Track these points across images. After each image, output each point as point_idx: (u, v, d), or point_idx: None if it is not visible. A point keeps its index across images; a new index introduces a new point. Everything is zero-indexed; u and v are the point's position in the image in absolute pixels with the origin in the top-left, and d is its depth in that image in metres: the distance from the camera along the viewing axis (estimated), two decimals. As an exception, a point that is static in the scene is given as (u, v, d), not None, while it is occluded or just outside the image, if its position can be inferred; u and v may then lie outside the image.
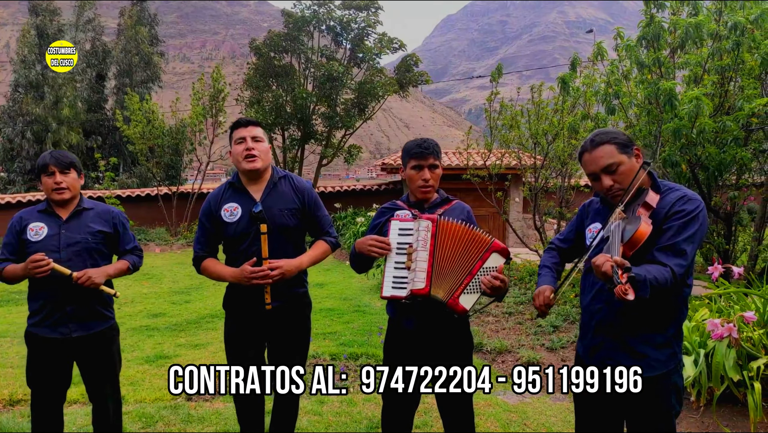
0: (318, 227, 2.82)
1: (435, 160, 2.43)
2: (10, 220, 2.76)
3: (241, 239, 2.65)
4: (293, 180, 2.79)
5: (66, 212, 2.75)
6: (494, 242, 2.26)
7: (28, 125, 18.95)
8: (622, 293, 1.59)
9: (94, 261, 2.73)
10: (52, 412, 2.77)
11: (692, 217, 1.85)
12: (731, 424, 3.20)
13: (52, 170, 2.68)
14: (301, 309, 2.79)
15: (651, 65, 5.20)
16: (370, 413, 3.59)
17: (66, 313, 2.67)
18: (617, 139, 1.97)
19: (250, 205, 2.65)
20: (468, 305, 2.21)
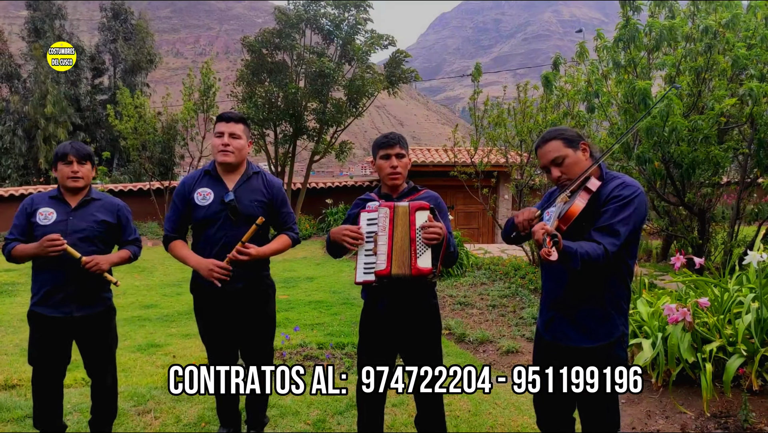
0: (281, 221, 3.03)
1: (401, 150, 2.62)
2: (22, 202, 2.95)
3: (208, 223, 2.86)
4: (265, 176, 3.01)
5: (75, 201, 2.92)
6: (410, 205, 2.47)
7: (18, 123, 19.01)
8: (546, 255, 1.81)
9: (96, 249, 2.90)
10: (53, 388, 2.94)
11: (628, 201, 2.06)
12: (686, 403, 3.42)
13: (70, 159, 2.85)
14: (264, 290, 3.01)
15: (627, 66, 5.41)
16: (351, 391, 3.78)
17: (69, 294, 2.84)
18: (564, 135, 2.19)
19: (223, 192, 2.85)
20: (426, 264, 2.39)
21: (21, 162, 19.08)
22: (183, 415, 3.45)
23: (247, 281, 2.88)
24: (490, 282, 8.39)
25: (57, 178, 2.93)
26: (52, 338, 2.88)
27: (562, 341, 2.23)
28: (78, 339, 2.95)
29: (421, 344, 2.62)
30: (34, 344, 2.92)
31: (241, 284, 2.85)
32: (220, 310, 2.91)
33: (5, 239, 2.90)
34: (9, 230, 2.92)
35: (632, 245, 2.14)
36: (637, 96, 4.94)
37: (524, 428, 3.29)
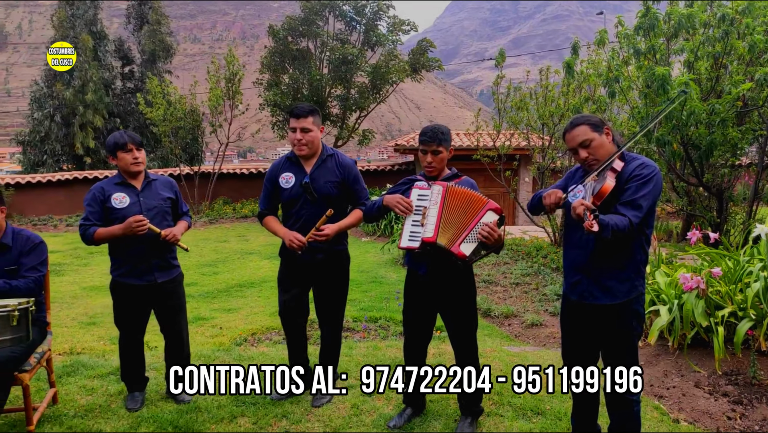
0: (354, 197, 3.41)
1: (438, 147, 2.95)
2: (90, 191, 3.29)
3: (292, 203, 3.32)
4: (338, 157, 3.39)
5: (138, 183, 3.34)
6: (489, 202, 2.82)
7: (57, 109, 19.61)
8: (589, 227, 2.16)
9: (166, 222, 3.34)
10: (137, 346, 3.39)
11: (648, 179, 2.40)
12: (700, 363, 3.77)
13: (130, 147, 3.26)
14: (341, 261, 3.42)
15: (647, 52, 5.66)
16: (392, 354, 4.20)
17: (151, 264, 3.28)
18: (590, 121, 2.52)
19: (302, 176, 3.27)
20: (467, 252, 2.76)
21: (57, 148, 19.71)
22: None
23: (327, 253, 3.30)
24: (513, 262, 8.68)
25: (117, 165, 3.31)
26: (136, 303, 3.33)
27: (587, 299, 2.59)
28: (157, 303, 3.38)
29: (458, 305, 3.01)
30: (119, 310, 3.35)
31: (321, 255, 3.29)
32: (301, 275, 3.36)
33: (81, 225, 3.24)
34: (83, 216, 3.25)
35: (650, 216, 2.48)
36: (657, 82, 5.20)
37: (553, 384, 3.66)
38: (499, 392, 3.52)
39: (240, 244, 11.70)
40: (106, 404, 3.37)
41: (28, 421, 2.92)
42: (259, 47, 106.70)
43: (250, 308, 6.48)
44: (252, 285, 7.87)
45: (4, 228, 3.05)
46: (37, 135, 20.21)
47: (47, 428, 3.04)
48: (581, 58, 8.03)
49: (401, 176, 16.99)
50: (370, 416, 3.21)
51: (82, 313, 6.31)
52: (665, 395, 3.54)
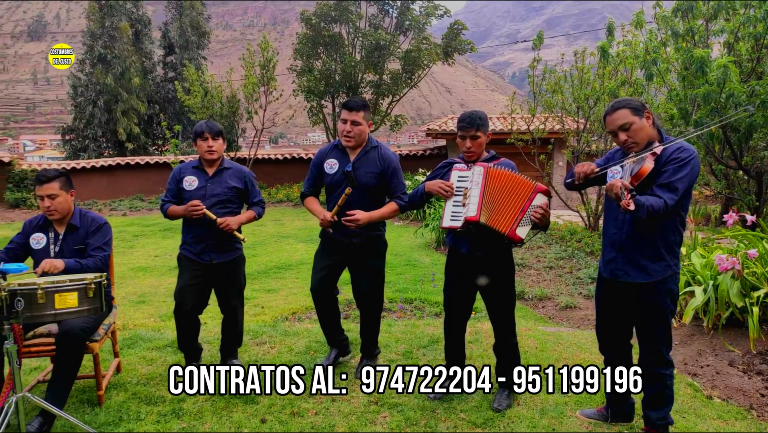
0: (392, 189, 3.54)
1: (476, 132, 3.06)
2: (173, 170, 3.62)
3: (334, 187, 3.49)
4: (381, 150, 3.53)
5: (212, 170, 3.57)
6: (537, 185, 2.94)
7: (99, 95, 20.24)
8: (626, 206, 2.27)
9: (228, 209, 3.54)
10: (192, 319, 3.60)
11: (685, 162, 2.48)
12: (734, 343, 3.82)
13: (206, 136, 3.49)
14: (376, 246, 3.58)
15: (685, 34, 5.61)
16: (429, 332, 4.36)
17: (208, 245, 3.51)
18: (631, 105, 2.59)
19: (346, 164, 3.45)
20: (523, 235, 2.90)
21: (99, 133, 20.37)
22: (294, 345, 4.11)
23: (363, 237, 3.47)
24: (546, 246, 8.72)
25: (197, 151, 3.59)
26: (197, 278, 3.54)
27: (620, 277, 2.69)
28: (215, 282, 3.61)
29: (498, 283, 3.14)
30: (183, 281, 3.58)
31: (357, 239, 3.46)
32: (335, 254, 3.54)
33: (162, 201, 3.60)
34: (165, 192, 3.62)
35: (685, 198, 2.56)
36: (695, 64, 5.17)
37: (585, 361, 3.77)
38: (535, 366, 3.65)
39: (276, 228, 11.98)
40: (166, 373, 3.63)
41: (98, 386, 3.20)
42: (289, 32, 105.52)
43: (289, 289, 6.70)
44: (290, 267, 8.10)
45: (73, 210, 3.30)
46: (80, 121, 20.88)
47: (113, 394, 3.31)
48: (617, 39, 7.95)
49: (433, 161, 17.05)
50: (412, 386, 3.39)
51: (131, 292, 6.64)
52: (699, 373, 3.62)
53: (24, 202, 14.58)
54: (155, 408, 3.15)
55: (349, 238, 3.45)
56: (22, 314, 2.51)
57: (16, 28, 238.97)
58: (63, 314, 2.58)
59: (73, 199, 3.32)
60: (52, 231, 3.23)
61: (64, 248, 3.19)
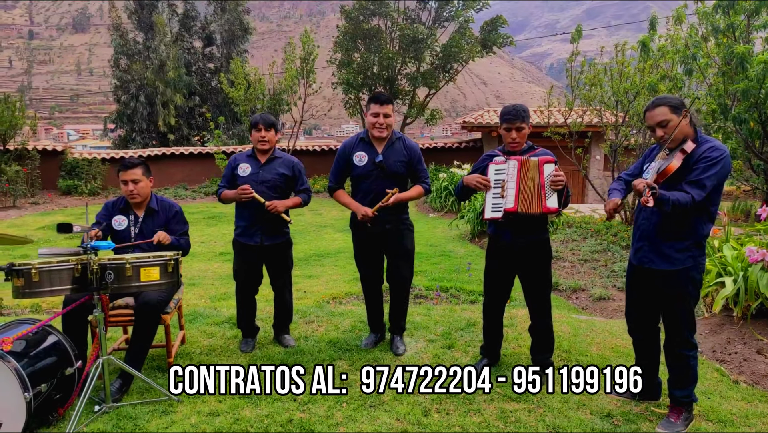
0: (418, 175, 3.83)
1: (521, 123, 3.30)
2: (230, 158, 3.96)
3: (363, 178, 3.75)
4: (405, 141, 3.81)
5: (264, 158, 3.89)
6: (539, 158, 3.17)
7: (140, 89, 21.01)
8: (645, 202, 2.47)
9: (277, 195, 3.85)
10: (250, 297, 3.96)
11: (716, 161, 2.65)
12: (763, 332, 3.95)
13: (260, 128, 3.81)
14: (406, 228, 3.85)
15: (726, 30, 5.66)
16: (466, 316, 4.61)
17: (259, 228, 3.83)
18: (670, 103, 2.77)
19: (374, 155, 3.71)
20: (555, 204, 3.13)
21: (144, 126, 21.16)
22: (339, 324, 4.42)
23: (393, 222, 3.74)
24: (581, 239, 8.80)
25: (251, 141, 3.92)
26: (249, 259, 3.90)
27: (646, 264, 2.90)
28: (266, 262, 3.95)
29: (536, 266, 3.37)
30: (237, 263, 3.93)
31: (389, 225, 3.73)
32: (373, 245, 3.83)
33: (218, 186, 3.95)
34: (221, 178, 3.96)
35: (715, 195, 2.73)
36: (735, 60, 5.23)
37: (616, 347, 3.96)
38: (567, 350, 3.87)
39: (314, 217, 12.35)
40: (225, 345, 3.98)
41: (168, 354, 3.56)
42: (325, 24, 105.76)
43: (329, 276, 7.02)
44: (328, 255, 8.42)
45: (150, 195, 3.66)
46: (124, 115, 21.74)
47: (181, 362, 3.66)
48: (659, 34, 7.95)
49: (468, 154, 17.16)
50: (450, 364, 3.64)
51: (182, 275, 7.07)
52: (727, 360, 3.77)
53: (75, 190, 15.32)
54: (218, 375, 3.49)
55: (382, 225, 3.71)
56: (110, 286, 2.87)
57: (62, 20, 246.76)
58: (146, 286, 2.93)
59: (151, 186, 3.67)
60: (132, 214, 3.60)
61: (143, 230, 3.55)
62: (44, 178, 15.09)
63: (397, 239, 3.80)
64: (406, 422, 2.93)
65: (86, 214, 3.33)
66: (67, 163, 15.65)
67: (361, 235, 3.85)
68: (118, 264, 2.86)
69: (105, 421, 2.92)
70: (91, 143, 58.62)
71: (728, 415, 3.01)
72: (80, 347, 3.24)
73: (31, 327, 2.91)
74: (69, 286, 2.86)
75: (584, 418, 2.97)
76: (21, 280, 2.77)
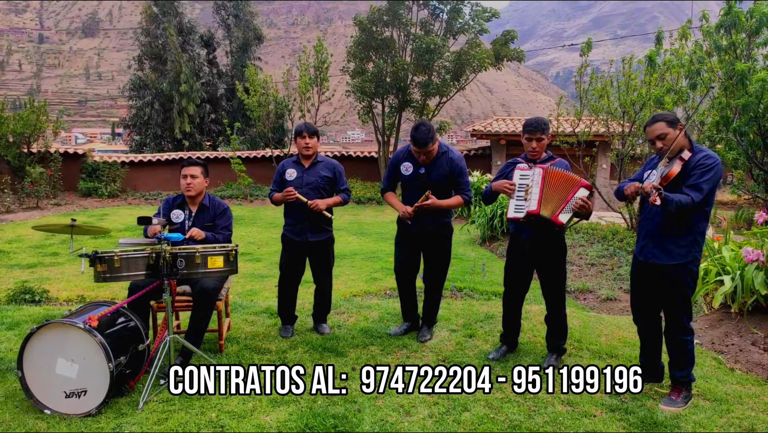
0: (458, 187, 4.19)
1: (541, 135, 3.70)
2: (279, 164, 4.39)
3: (409, 185, 4.17)
4: (449, 154, 4.15)
5: (308, 163, 4.30)
6: (582, 180, 3.54)
7: (155, 97, 21.64)
8: (653, 201, 2.87)
9: (320, 195, 4.27)
10: (291, 288, 4.36)
11: (710, 168, 3.06)
12: (758, 326, 4.32)
13: (304, 135, 4.22)
14: (446, 231, 4.24)
15: (727, 48, 6.06)
16: (484, 310, 4.99)
17: (305, 226, 4.24)
18: (667, 119, 3.18)
19: (418, 167, 4.10)
20: (564, 220, 3.51)
21: (158, 132, 21.75)
22: (368, 316, 4.81)
23: (436, 226, 4.14)
24: (589, 244, 9.14)
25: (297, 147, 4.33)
26: (295, 253, 4.31)
27: (650, 259, 3.29)
28: (310, 257, 4.34)
29: (553, 261, 3.77)
30: (284, 257, 4.34)
31: (432, 226, 4.12)
32: (414, 240, 4.22)
33: (270, 190, 4.40)
34: (272, 183, 4.41)
35: (710, 196, 3.13)
36: (736, 77, 5.63)
37: (624, 338, 4.34)
38: (578, 339, 4.24)
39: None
40: (266, 332, 4.38)
41: (220, 336, 3.96)
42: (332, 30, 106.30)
43: (347, 276, 7.39)
44: (345, 257, 8.79)
45: (204, 193, 4.07)
46: (139, 120, 22.34)
47: (228, 346, 4.06)
48: (665, 48, 8.33)
49: (477, 161, 17.56)
50: (473, 351, 4.03)
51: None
52: (725, 351, 4.14)
53: (95, 192, 15.79)
54: (264, 356, 3.88)
55: (425, 226, 4.11)
56: (180, 272, 3.28)
57: (72, 24, 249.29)
58: (211, 272, 3.34)
59: (206, 185, 4.07)
60: (187, 209, 4.01)
61: (196, 223, 3.96)
62: (65, 180, 15.57)
63: (435, 241, 4.19)
64: (436, 396, 3.30)
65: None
66: (88, 166, 16.14)
67: (405, 231, 4.25)
68: (188, 253, 3.27)
69: (172, 392, 3.31)
70: (99, 146, 59.45)
71: (723, 395, 3.38)
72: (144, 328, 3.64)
73: (108, 309, 3.31)
74: (143, 272, 3.27)
75: (596, 396, 3.34)
76: (104, 266, 3.18)
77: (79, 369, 3.05)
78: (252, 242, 9.82)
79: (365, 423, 2.96)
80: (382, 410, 3.12)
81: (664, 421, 3.03)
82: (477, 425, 2.99)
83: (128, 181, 16.74)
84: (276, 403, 3.19)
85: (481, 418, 3.05)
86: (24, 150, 14.73)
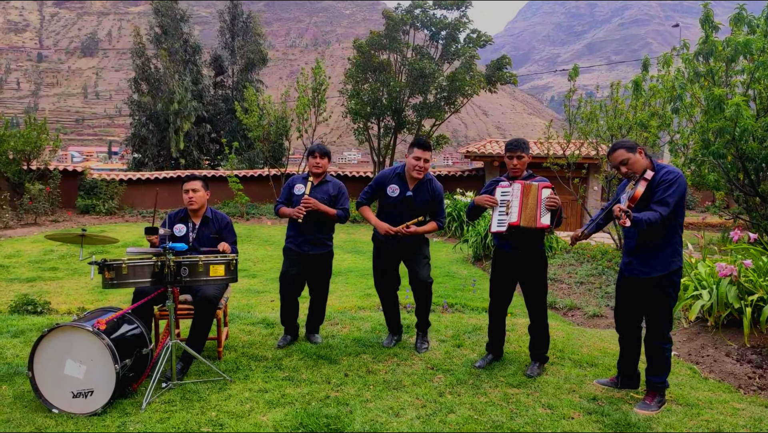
0: (436, 213, 4.45)
1: (521, 153, 3.95)
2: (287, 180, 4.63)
3: (393, 206, 4.37)
4: (431, 183, 4.42)
5: (317, 180, 4.54)
6: (539, 183, 3.81)
7: (150, 118, 22.03)
8: (623, 223, 3.11)
9: None
10: (292, 299, 4.53)
11: (672, 182, 3.30)
12: (732, 339, 4.53)
13: (316, 155, 4.47)
14: (424, 245, 4.46)
15: (705, 75, 6.36)
16: (472, 322, 5.19)
17: (306, 239, 4.45)
18: (625, 145, 3.45)
19: (405, 190, 4.34)
20: (548, 222, 3.75)
21: (155, 151, 22.04)
22: (361, 326, 5.01)
23: (413, 239, 4.36)
24: (578, 263, 9.37)
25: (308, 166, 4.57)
26: (295, 264, 4.49)
27: (637, 275, 3.51)
28: (309, 269, 4.53)
29: (534, 273, 3.99)
30: (285, 267, 4.54)
31: (409, 240, 4.35)
32: (392, 255, 4.44)
33: (277, 202, 4.60)
34: (279, 197, 4.62)
35: (679, 208, 3.36)
36: (713, 101, 5.92)
37: (604, 348, 4.54)
38: (561, 349, 4.44)
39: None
40: (263, 341, 4.56)
41: (219, 343, 4.15)
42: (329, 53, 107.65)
43: (341, 291, 7.56)
44: (340, 273, 8.96)
45: (206, 207, 4.28)
46: (137, 140, 22.66)
47: (227, 353, 4.24)
48: (651, 74, 8.66)
49: (470, 182, 17.85)
50: (460, 359, 4.22)
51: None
52: (700, 361, 4.35)
53: (93, 209, 15.96)
54: (261, 363, 4.07)
55: (403, 241, 4.32)
56: (184, 279, 3.48)
57: (71, 44, 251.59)
58: (212, 280, 3.54)
59: (207, 199, 4.29)
60: (190, 222, 4.22)
61: (200, 236, 4.17)
62: (63, 198, 15.73)
63: (414, 248, 4.41)
64: (424, 400, 3.50)
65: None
66: (86, 183, 16.33)
67: (380, 247, 4.46)
68: (191, 261, 3.48)
69: (173, 394, 3.49)
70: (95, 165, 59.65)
71: (695, 401, 3.58)
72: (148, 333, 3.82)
73: (114, 314, 3.50)
74: (149, 279, 3.47)
75: (574, 400, 3.54)
76: (112, 273, 3.38)
77: (86, 370, 3.23)
78: (248, 258, 9.98)
79: (356, 423, 3.14)
80: (372, 411, 3.31)
81: (638, 423, 3.22)
82: (462, 426, 3.18)
83: (126, 199, 16.92)
84: (272, 404, 3.38)
85: (466, 419, 3.25)
86: (24, 167, 14.92)
